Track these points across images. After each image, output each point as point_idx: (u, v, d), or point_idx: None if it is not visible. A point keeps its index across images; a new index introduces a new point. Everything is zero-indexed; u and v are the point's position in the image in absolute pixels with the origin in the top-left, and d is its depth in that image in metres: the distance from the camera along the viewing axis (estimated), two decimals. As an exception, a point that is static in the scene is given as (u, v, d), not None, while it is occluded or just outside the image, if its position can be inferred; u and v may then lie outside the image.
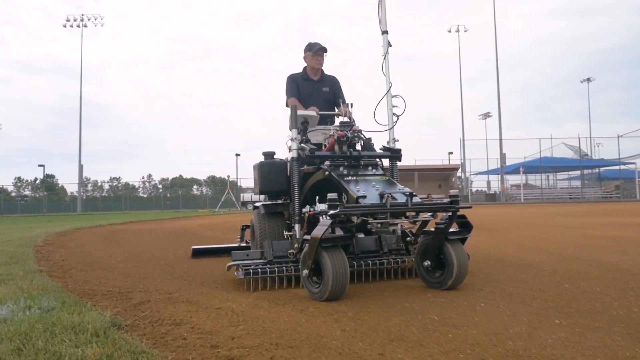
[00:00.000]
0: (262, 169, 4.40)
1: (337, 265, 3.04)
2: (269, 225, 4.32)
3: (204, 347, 2.23)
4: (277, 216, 4.39)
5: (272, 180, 4.41)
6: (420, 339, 2.29)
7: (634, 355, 2.00)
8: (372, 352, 2.11)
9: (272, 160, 4.51)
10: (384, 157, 4.15)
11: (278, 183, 4.40)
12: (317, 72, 5.04)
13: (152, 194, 59.80)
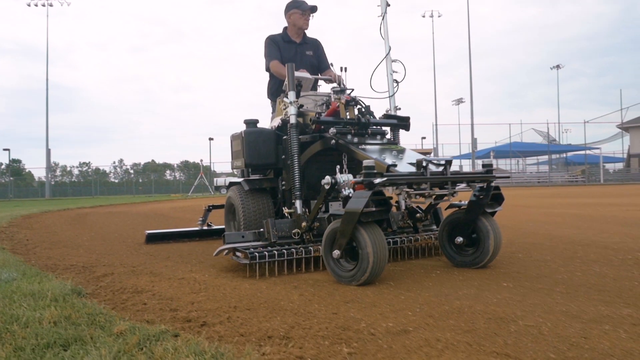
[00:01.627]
0: (249, 138, 3.84)
1: (377, 244, 2.65)
2: (254, 204, 3.85)
3: (163, 310, 2.28)
4: (263, 193, 3.94)
5: (259, 152, 3.85)
6: (374, 300, 2.40)
7: (568, 310, 2.14)
8: (326, 312, 2.20)
9: (259, 129, 3.96)
10: (393, 126, 3.80)
11: (266, 155, 3.86)
12: (300, 34, 4.56)
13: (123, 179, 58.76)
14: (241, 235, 3.37)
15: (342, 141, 3.31)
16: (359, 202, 2.62)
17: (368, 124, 3.52)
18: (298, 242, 3.33)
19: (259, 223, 3.73)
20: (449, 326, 1.95)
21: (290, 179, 3.53)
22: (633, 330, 1.84)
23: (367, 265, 2.64)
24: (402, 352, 1.68)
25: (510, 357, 1.60)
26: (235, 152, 4.12)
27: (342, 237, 2.75)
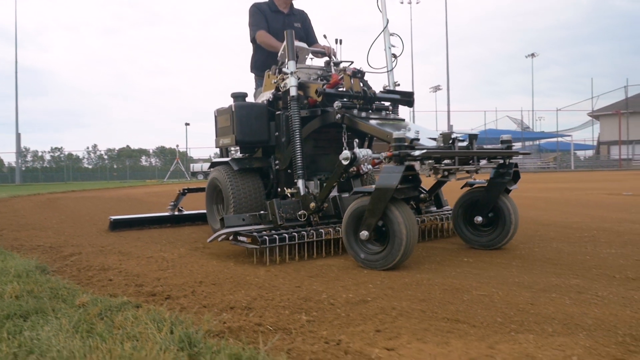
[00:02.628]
0: (240, 113, 3.53)
1: (410, 223, 2.45)
2: (245, 185, 3.57)
3: (128, 285, 2.30)
4: (253, 174, 3.66)
5: (251, 128, 3.55)
6: (338, 275, 2.46)
7: (521, 281, 2.24)
8: (290, 286, 2.25)
9: (250, 103, 3.70)
10: (396, 101, 3.55)
11: (259, 131, 3.58)
12: (287, 4, 4.32)
13: (97, 164, 57.67)
14: (241, 218, 3.08)
15: (348, 115, 3.07)
16: (392, 178, 2.42)
17: (374, 97, 3.31)
18: (304, 224, 3.07)
19: (251, 206, 3.53)
20: (407, 296, 2.03)
21: (292, 157, 3.24)
22: (578, 298, 1.95)
23: (400, 246, 2.44)
24: (358, 319, 1.74)
25: (460, 322, 1.68)
26: (221, 129, 3.77)
27: (371, 216, 2.51)
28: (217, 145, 3.91)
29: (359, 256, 2.62)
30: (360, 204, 2.61)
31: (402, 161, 2.46)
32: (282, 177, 3.57)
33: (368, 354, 1.41)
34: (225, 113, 3.70)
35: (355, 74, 3.25)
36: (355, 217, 2.63)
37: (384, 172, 2.50)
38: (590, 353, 1.38)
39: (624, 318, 1.68)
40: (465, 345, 1.47)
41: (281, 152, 3.53)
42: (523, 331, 1.58)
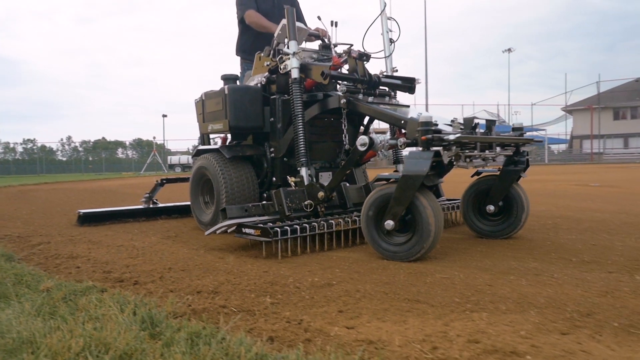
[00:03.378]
0: (234, 97, 3.30)
1: (437, 212, 2.34)
2: (238, 175, 3.35)
3: (96, 272, 2.30)
4: (246, 162, 3.46)
5: (246, 113, 3.32)
6: (306, 261, 2.50)
7: (482, 265, 2.32)
8: (258, 271, 2.28)
9: (245, 86, 3.48)
10: (398, 87, 3.39)
11: (254, 117, 3.36)
12: None
13: (72, 157, 56.50)
14: (244, 209, 2.89)
15: (354, 100, 2.91)
16: (421, 164, 2.29)
17: (379, 82, 3.14)
18: (309, 215, 2.91)
19: (244, 197, 3.34)
20: (371, 280, 2.08)
21: (294, 144, 3.05)
22: (534, 279, 2.03)
23: (428, 236, 2.32)
24: (322, 301, 1.79)
25: (420, 302, 1.74)
26: (210, 114, 3.54)
27: (398, 204, 2.37)
28: (205, 132, 3.70)
29: (380, 247, 2.48)
30: (382, 192, 2.47)
31: (430, 146, 2.33)
32: (278, 165, 3.39)
33: (327, 331, 1.45)
34: (215, 96, 3.46)
35: (361, 56, 3.08)
36: (377, 206, 2.49)
37: (411, 157, 2.36)
38: (538, 328, 1.45)
39: (574, 297, 1.76)
40: (422, 323, 1.52)
41: (277, 139, 3.34)
42: (478, 310, 1.64)
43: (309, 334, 1.42)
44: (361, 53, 3.07)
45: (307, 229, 2.65)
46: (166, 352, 1.16)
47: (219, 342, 1.23)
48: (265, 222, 2.75)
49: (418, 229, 2.35)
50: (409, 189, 2.33)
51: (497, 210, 3.01)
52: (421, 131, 2.35)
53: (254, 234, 2.61)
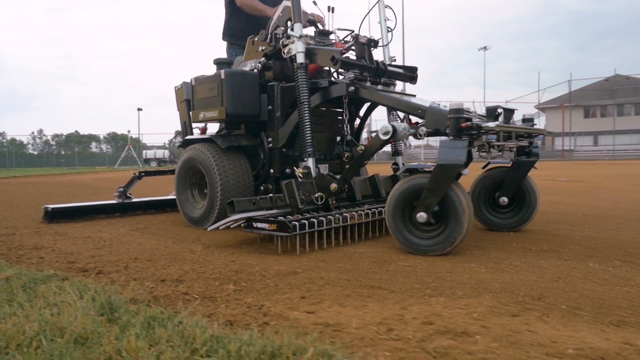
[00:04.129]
0: (232, 82, 3.09)
1: (470, 203, 2.26)
2: (233, 167, 3.17)
3: (60, 262, 2.28)
4: (240, 153, 3.28)
5: (244, 100, 3.12)
6: (274, 251, 2.52)
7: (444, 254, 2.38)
8: (224, 260, 2.29)
9: (242, 71, 3.26)
10: (400, 77, 3.26)
11: (251, 104, 3.17)
12: None
13: (43, 151, 55.09)
14: (252, 201, 2.70)
15: (364, 88, 2.79)
16: (457, 153, 2.19)
17: (386, 70, 3.04)
18: (319, 208, 2.74)
19: (240, 190, 3.16)
20: (336, 268, 2.11)
21: (300, 133, 2.87)
22: (493, 266, 2.10)
23: (462, 229, 2.22)
24: (285, 288, 1.81)
25: (381, 289, 1.78)
26: (202, 101, 3.30)
27: (431, 196, 2.25)
28: (195, 120, 3.44)
29: (408, 241, 2.36)
30: (411, 182, 2.35)
31: (461, 134, 2.24)
32: (277, 157, 3.21)
33: (287, 316, 1.48)
34: (209, 82, 3.23)
35: (370, 42, 2.94)
36: (404, 197, 2.37)
37: (445, 146, 2.25)
38: (490, 311, 1.50)
39: (528, 282, 1.82)
40: (381, 307, 1.56)
41: (275, 129, 3.18)
42: (436, 295, 1.69)
43: (268, 317, 1.45)
44: (369, 39, 2.95)
45: (323, 222, 2.50)
46: (121, 335, 1.17)
47: (176, 325, 1.24)
48: (276, 215, 2.57)
49: (451, 221, 2.24)
50: (445, 180, 2.22)
51: (509, 203, 2.97)
52: (454, 119, 2.25)
53: (268, 228, 2.43)
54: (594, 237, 2.77)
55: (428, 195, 2.27)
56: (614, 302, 1.57)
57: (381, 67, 2.99)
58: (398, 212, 2.38)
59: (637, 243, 2.58)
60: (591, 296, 1.64)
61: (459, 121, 2.24)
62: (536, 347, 1.21)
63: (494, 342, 1.24)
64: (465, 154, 2.19)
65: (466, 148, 2.20)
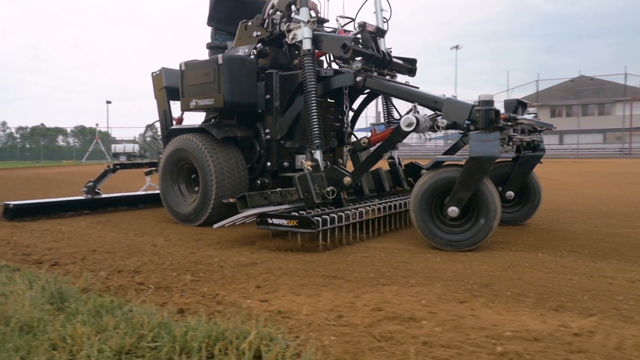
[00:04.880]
0: (230, 67, 2.90)
1: (498, 196, 2.25)
2: (228, 160, 2.99)
3: (15, 255, 2.23)
4: (233, 145, 3.09)
5: (242, 87, 2.94)
6: (234, 244, 2.53)
7: (403, 247, 2.43)
8: (184, 252, 2.29)
9: (242, 56, 3.06)
10: (401, 68, 3.19)
11: (249, 92, 2.99)
12: None
13: (7, 143, 53.22)
14: (263, 196, 2.57)
15: (372, 78, 2.71)
16: (491, 146, 2.15)
17: (390, 60, 2.95)
18: (331, 202, 2.63)
19: (236, 184, 2.98)
20: (296, 259, 2.14)
21: (307, 124, 2.71)
22: (447, 257, 2.16)
23: (492, 223, 2.20)
24: (243, 278, 1.82)
25: (337, 278, 1.82)
26: (194, 87, 3.05)
27: (464, 189, 2.20)
28: (186, 108, 3.16)
29: (436, 237, 2.29)
30: (441, 176, 2.28)
31: (491, 126, 2.20)
32: (274, 149, 3.06)
33: (240, 304, 1.49)
34: (203, 67, 3.01)
35: (378, 31, 2.84)
36: (432, 191, 2.29)
37: (476, 139, 2.19)
38: (439, 298, 1.56)
39: (479, 271, 1.89)
40: (334, 296, 1.59)
41: (273, 119, 3.02)
42: (390, 284, 1.74)
43: (221, 306, 1.46)
44: (378, 27, 2.86)
45: (342, 218, 2.40)
46: (67, 322, 1.16)
47: (125, 313, 1.25)
48: (289, 210, 2.47)
49: (482, 213, 2.21)
50: (479, 173, 2.17)
51: (514, 197, 2.94)
52: (484, 111, 2.21)
53: (287, 224, 2.30)
54: (547, 230, 2.87)
55: (460, 189, 2.21)
56: (556, 289, 1.64)
57: (387, 58, 2.92)
58: (425, 206, 2.29)
59: (585, 235, 2.69)
60: (536, 283, 1.71)
61: (489, 113, 2.20)
62: (477, 330, 1.26)
63: (438, 327, 1.29)
64: (498, 146, 2.16)
65: (498, 140, 2.17)
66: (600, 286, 1.68)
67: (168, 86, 3.62)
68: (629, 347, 1.15)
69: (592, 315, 1.39)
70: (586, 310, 1.43)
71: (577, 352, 1.12)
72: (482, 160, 2.15)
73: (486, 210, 2.20)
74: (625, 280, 1.76)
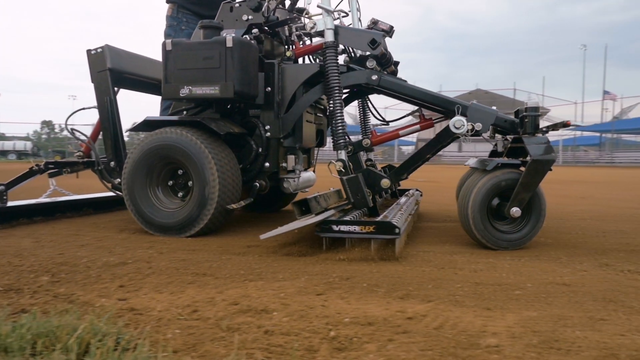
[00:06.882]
0: (242, 52, 2.57)
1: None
2: (229, 158, 2.71)
3: None
4: (224, 143, 2.76)
5: (250, 76, 2.65)
6: (106, 245, 2.45)
7: (288, 242, 2.51)
8: (51, 253, 2.18)
9: (249, 41, 2.70)
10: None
11: (255, 82, 2.71)
12: None
13: None
14: (316, 200, 2.39)
15: (387, 78, 2.67)
16: (549, 149, 2.31)
17: (391, 62, 2.90)
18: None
19: (235, 186, 2.70)
20: (170, 258, 2.12)
21: (331, 122, 2.61)
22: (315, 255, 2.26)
23: (542, 222, 2.39)
24: (107, 278, 1.78)
25: (207, 276, 1.83)
26: (189, 72, 2.63)
27: (526, 190, 2.30)
28: (172, 96, 2.72)
29: (491, 236, 2.35)
30: (501, 177, 2.35)
31: (537, 131, 2.36)
32: (275, 148, 2.84)
33: (94, 303, 1.46)
34: (202, 49, 2.61)
35: (391, 30, 2.78)
36: (491, 192, 2.36)
37: (535, 143, 2.33)
38: (299, 291, 1.63)
39: (348, 267, 2.00)
40: (197, 292, 1.61)
41: (274, 115, 2.79)
42: (257, 280, 1.79)
43: (72, 305, 1.42)
44: (391, 26, 2.80)
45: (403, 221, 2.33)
46: None
47: (-48, 314, 1.17)
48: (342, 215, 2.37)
49: (535, 215, 2.37)
50: (539, 175, 2.30)
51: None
52: (532, 117, 2.38)
53: (359, 231, 2.15)
54: (422, 228, 3.10)
55: (522, 190, 2.31)
56: (407, 280, 1.79)
57: (392, 59, 2.87)
58: (484, 209, 2.35)
59: (451, 232, 2.94)
60: (391, 275, 1.85)
61: (536, 119, 2.39)
62: (320, 318, 1.35)
63: (286, 317, 1.36)
64: (553, 149, 2.32)
65: (549, 144, 2.32)
66: (446, 276, 1.86)
67: (113, 68, 3.09)
68: (447, 327, 1.29)
69: (431, 301, 1.54)
70: (427, 297, 1.58)
71: (402, 333, 1.24)
72: (543, 163, 2.29)
73: (538, 210, 2.37)
74: (470, 270, 1.97)
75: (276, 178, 2.91)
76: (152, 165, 2.71)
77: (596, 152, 31.20)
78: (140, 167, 2.71)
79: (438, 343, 1.18)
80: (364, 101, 3.47)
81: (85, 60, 3.12)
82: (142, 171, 2.71)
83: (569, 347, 1.17)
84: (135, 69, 3.31)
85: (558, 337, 1.22)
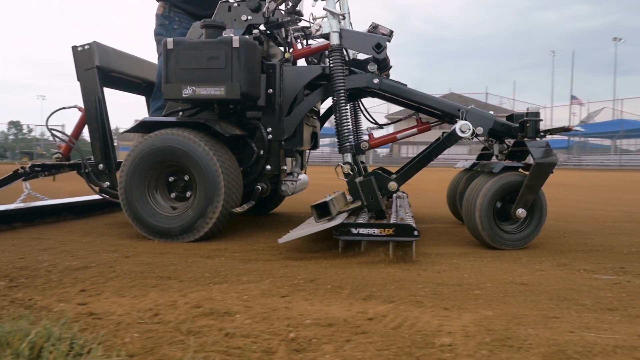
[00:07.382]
0: (248, 52, 2.53)
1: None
2: (232, 161, 2.67)
3: None
4: (224, 145, 2.71)
5: (255, 77, 2.63)
6: (69, 248, 2.40)
7: (261, 243, 2.51)
8: (12, 258, 2.13)
9: (253, 41, 2.65)
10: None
11: (258, 84, 2.69)
12: None
13: None
14: (333, 204, 2.35)
15: (388, 81, 2.67)
16: (551, 152, 2.41)
17: (388, 66, 2.91)
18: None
19: (238, 191, 2.66)
20: (135, 261, 2.10)
21: (337, 125, 2.58)
22: (281, 256, 2.27)
23: (543, 222, 2.49)
24: (69, 282, 1.75)
25: (171, 279, 1.82)
26: (193, 72, 2.55)
27: (530, 192, 2.40)
28: (174, 96, 2.60)
29: (496, 236, 2.43)
30: (507, 179, 2.43)
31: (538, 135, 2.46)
32: (276, 151, 2.80)
33: (52, 308, 1.44)
34: (206, 48, 2.54)
35: (391, 34, 2.80)
36: (497, 194, 2.43)
37: (538, 147, 2.41)
38: (263, 293, 1.64)
39: (313, 269, 2.02)
40: (160, 296, 1.60)
41: (276, 118, 2.77)
42: (222, 282, 1.79)
43: (28, 310, 1.40)
44: (391, 30, 2.82)
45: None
46: None
47: None
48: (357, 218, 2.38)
49: (537, 215, 2.46)
50: (543, 177, 2.39)
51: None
52: (533, 121, 2.48)
53: (379, 234, 2.17)
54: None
55: (527, 192, 2.40)
56: (371, 281, 1.82)
57: (390, 63, 2.89)
58: (490, 211, 2.42)
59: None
60: (355, 276, 1.88)
61: (537, 123, 2.49)
62: (282, 320, 1.36)
63: (249, 319, 1.37)
64: (554, 152, 2.41)
65: (548, 147, 2.41)
66: (409, 277, 1.90)
67: (101, 66, 3.00)
68: (405, 327, 1.32)
69: (392, 302, 1.57)
70: (389, 298, 1.61)
71: (361, 334, 1.27)
72: (546, 166, 2.38)
73: (540, 211, 2.46)
74: (433, 271, 2.01)
75: (276, 181, 2.91)
76: (152, 168, 2.62)
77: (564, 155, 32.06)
78: (139, 170, 2.62)
79: (394, 343, 1.20)
80: (356, 104, 3.50)
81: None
82: (140, 174, 2.62)
83: (520, 344, 1.21)
84: (123, 67, 3.25)
85: (511, 335, 1.27)
